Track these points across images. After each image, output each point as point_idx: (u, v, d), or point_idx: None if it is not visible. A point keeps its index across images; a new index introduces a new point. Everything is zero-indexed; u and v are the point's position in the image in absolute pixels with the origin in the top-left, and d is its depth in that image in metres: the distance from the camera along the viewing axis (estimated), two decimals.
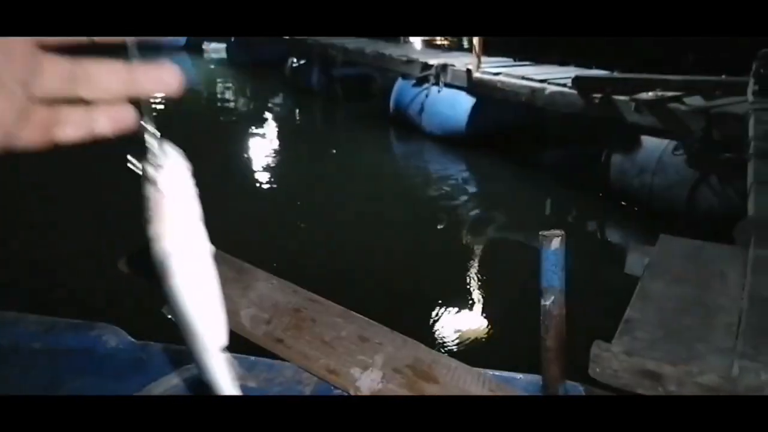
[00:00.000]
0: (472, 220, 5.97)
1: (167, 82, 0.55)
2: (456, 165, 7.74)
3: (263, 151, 8.37)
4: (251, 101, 12.52)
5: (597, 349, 1.48)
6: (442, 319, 3.92)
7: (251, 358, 1.84)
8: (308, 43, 11.52)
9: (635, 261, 2.04)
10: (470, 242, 5.53)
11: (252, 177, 7.06)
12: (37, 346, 1.89)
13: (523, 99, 7.11)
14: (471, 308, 4.12)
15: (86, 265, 3.93)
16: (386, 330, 1.75)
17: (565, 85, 6.69)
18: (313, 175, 7.06)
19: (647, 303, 1.68)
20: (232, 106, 12.11)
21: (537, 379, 1.70)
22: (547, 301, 1.57)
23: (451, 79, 8.10)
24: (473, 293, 4.37)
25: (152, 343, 1.92)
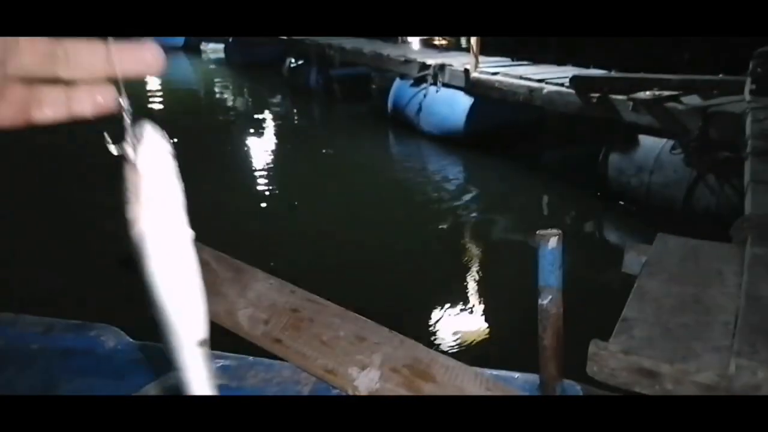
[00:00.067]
0: (470, 220, 5.98)
1: (148, 62, 0.54)
2: (454, 165, 7.75)
3: (261, 151, 8.37)
4: (249, 101, 12.51)
5: (594, 347, 1.48)
6: (439, 318, 3.93)
7: (249, 358, 1.85)
8: (306, 44, 11.52)
9: (632, 260, 2.04)
10: (468, 241, 5.53)
11: (250, 176, 7.06)
12: (36, 347, 1.89)
13: (521, 99, 7.11)
14: (468, 307, 4.13)
15: (85, 265, 3.94)
16: (384, 330, 1.75)
17: (562, 85, 6.70)
18: (311, 175, 7.06)
19: (644, 302, 1.68)
20: (230, 106, 12.11)
21: (534, 378, 1.71)
22: (545, 300, 1.58)
23: (449, 79, 8.11)
24: (470, 292, 4.38)
25: (151, 344, 1.92)
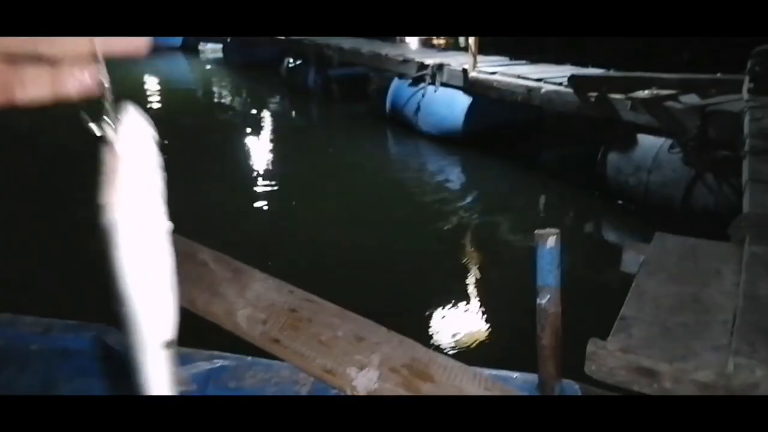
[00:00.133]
0: (468, 219, 5.98)
1: (135, 41, 0.52)
2: (452, 164, 7.75)
3: (259, 151, 8.37)
4: (247, 101, 12.51)
5: (593, 346, 1.48)
6: (438, 318, 3.93)
7: (248, 358, 1.85)
8: (304, 44, 11.52)
9: (631, 259, 2.04)
10: (466, 241, 5.53)
11: (248, 177, 7.06)
12: (35, 347, 1.89)
13: (519, 98, 7.11)
14: (467, 307, 4.13)
15: (84, 265, 3.93)
16: (383, 329, 1.75)
17: (561, 84, 6.70)
18: (309, 175, 7.06)
19: (643, 300, 1.68)
20: (229, 106, 12.11)
21: (533, 377, 1.71)
22: (543, 300, 1.58)
23: (448, 78, 8.11)
24: (469, 292, 4.38)
25: None
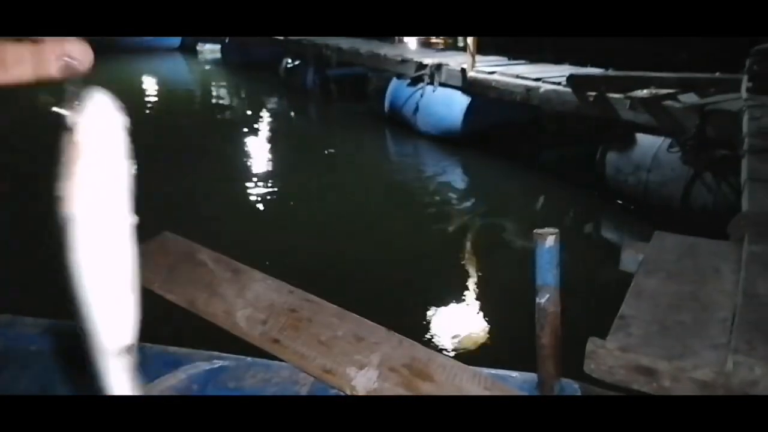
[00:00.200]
0: (467, 219, 5.98)
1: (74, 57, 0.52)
2: (451, 164, 7.75)
3: (258, 151, 8.37)
4: (246, 101, 12.50)
5: (592, 345, 1.48)
6: (437, 318, 3.93)
7: (248, 358, 1.85)
8: (303, 44, 11.51)
9: (630, 258, 2.05)
10: (465, 240, 5.53)
11: (246, 176, 7.05)
12: (34, 348, 1.89)
13: (518, 98, 7.12)
14: (466, 307, 4.13)
15: None
16: (382, 329, 1.75)
17: (559, 84, 6.71)
18: (307, 175, 7.06)
19: (641, 299, 1.69)
20: (227, 107, 12.10)
21: (532, 377, 1.71)
22: (542, 299, 1.58)
23: (446, 78, 8.11)
24: (468, 292, 4.38)
25: (148, 345, 1.92)
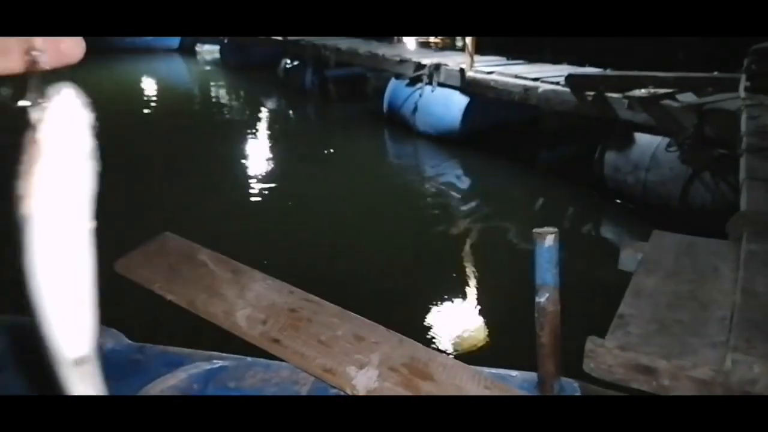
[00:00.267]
0: (466, 219, 5.99)
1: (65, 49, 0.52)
2: (450, 164, 7.76)
3: (256, 151, 8.37)
4: (245, 102, 12.50)
5: (591, 344, 1.49)
6: (437, 317, 3.93)
7: (248, 358, 1.85)
8: (301, 44, 11.52)
9: (628, 257, 2.05)
10: (465, 241, 5.54)
11: (245, 177, 7.06)
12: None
13: (517, 98, 7.13)
14: (466, 306, 4.14)
15: None
16: (382, 329, 1.75)
17: (558, 84, 6.72)
18: (306, 175, 7.06)
19: (640, 298, 1.69)
20: (226, 108, 12.10)
21: (532, 376, 1.71)
22: (542, 298, 1.58)
23: (445, 78, 8.12)
24: (468, 292, 4.38)
25: (150, 345, 1.92)
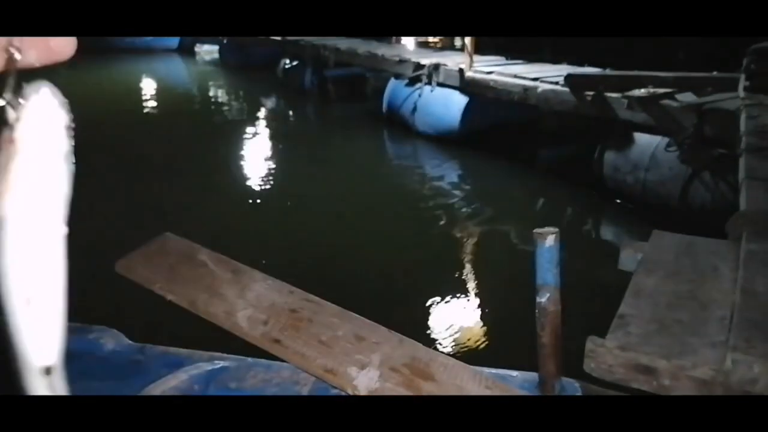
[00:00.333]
0: (466, 219, 5.99)
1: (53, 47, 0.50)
2: (450, 164, 7.76)
3: (256, 151, 8.37)
4: (244, 102, 12.50)
5: (591, 344, 1.49)
6: (437, 318, 3.94)
7: (249, 359, 1.86)
8: (301, 45, 11.52)
9: (628, 257, 2.05)
10: (465, 241, 5.54)
11: (244, 177, 7.06)
12: None
13: (516, 97, 7.13)
14: (467, 306, 4.14)
15: (83, 268, 3.93)
16: (383, 329, 1.76)
17: (557, 83, 6.72)
18: (306, 175, 7.06)
19: (640, 298, 1.69)
20: (225, 108, 12.10)
21: (533, 376, 1.71)
22: (543, 298, 1.59)
23: (444, 78, 8.12)
24: (468, 292, 4.39)
25: (150, 346, 1.93)
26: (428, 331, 3.75)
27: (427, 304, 4.05)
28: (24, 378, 0.50)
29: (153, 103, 11.82)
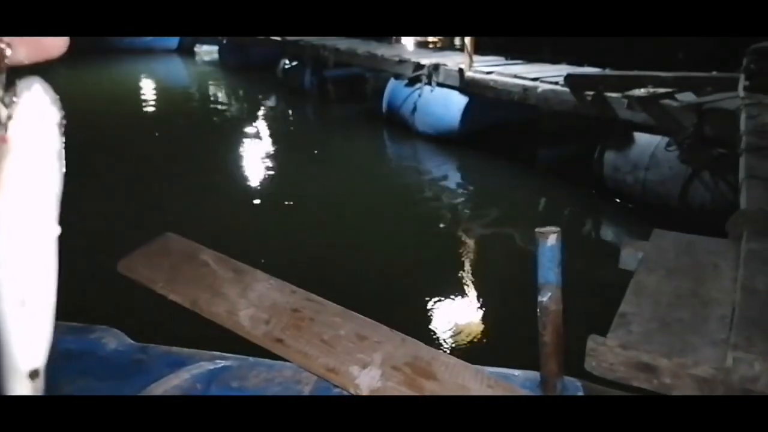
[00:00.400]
0: (467, 219, 5.99)
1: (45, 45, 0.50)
2: (450, 164, 7.76)
3: (256, 151, 8.37)
4: (244, 102, 12.50)
5: (592, 342, 1.50)
6: (439, 317, 3.94)
7: (250, 358, 1.86)
8: (300, 45, 11.52)
9: (629, 256, 2.06)
10: (466, 241, 5.54)
11: (243, 177, 7.06)
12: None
13: (516, 97, 7.13)
14: (468, 306, 4.14)
15: (84, 268, 3.93)
16: (384, 328, 1.76)
17: (557, 83, 6.72)
18: (306, 175, 7.06)
19: (641, 297, 1.70)
20: (225, 108, 12.10)
21: (535, 375, 1.72)
22: (544, 298, 1.59)
23: (444, 78, 8.12)
24: (470, 291, 4.39)
25: (152, 345, 1.93)
26: (429, 331, 3.75)
27: (428, 303, 4.05)
28: (6, 380, 0.48)
29: (153, 104, 11.82)
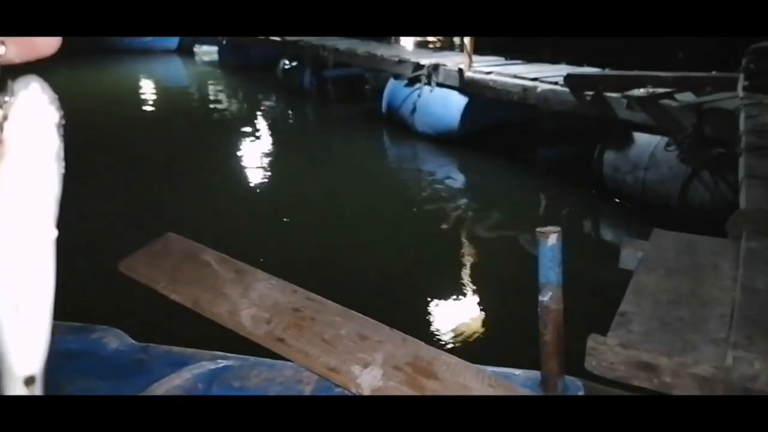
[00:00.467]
0: (467, 219, 6.00)
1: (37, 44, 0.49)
2: (449, 164, 7.77)
3: (256, 152, 8.37)
4: (243, 103, 12.51)
5: (593, 342, 1.50)
6: (440, 317, 3.94)
7: (252, 358, 1.86)
8: (300, 45, 11.52)
9: (629, 255, 2.06)
10: (466, 241, 5.55)
11: (243, 177, 7.07)
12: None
13: (515, 97, 7.13)
14: (469, 306, 4.15)
15: (84, 268, 3.93)
16: (386, 328, 1.76)
17: (556, 83, 6.73)
18: (306, 175, 7.07)
19: (641, 296, 1.70)
20: (225, 108, 12.10)
21: (536, 374, 1.72)
22: (545, 297, 1.59)
23: (443, 78, 8.12)
24: (470, 291, 4.39)
25: (153, 345, 1.93)
26: (429, 331, 3.75)
27: (428, 303, 4.06)
28: (1, 387, 0.47)
29: (153, 104, 11.82)
